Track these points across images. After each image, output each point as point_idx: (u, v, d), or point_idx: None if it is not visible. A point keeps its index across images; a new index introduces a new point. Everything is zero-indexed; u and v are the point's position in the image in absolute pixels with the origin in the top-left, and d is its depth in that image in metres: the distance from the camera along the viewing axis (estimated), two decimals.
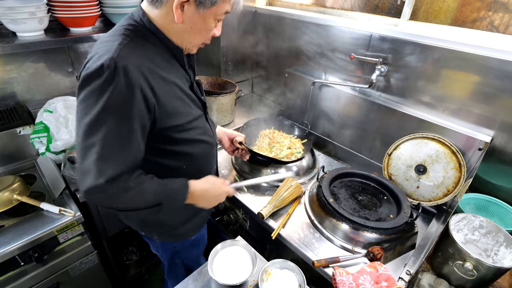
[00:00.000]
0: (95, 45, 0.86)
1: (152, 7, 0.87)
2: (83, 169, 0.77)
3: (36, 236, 1.24)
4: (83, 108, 0.78)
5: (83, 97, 0.78)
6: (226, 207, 1.58)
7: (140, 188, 0.84)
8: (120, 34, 0.83)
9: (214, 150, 1.17)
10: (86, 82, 0.77)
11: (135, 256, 1.98)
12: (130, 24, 0.87)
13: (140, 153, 0.85)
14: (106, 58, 0.75)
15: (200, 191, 0.99)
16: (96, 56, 0.79)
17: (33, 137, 1.45)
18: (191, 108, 0.98)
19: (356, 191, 1.42)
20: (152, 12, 0.87)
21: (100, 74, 0.75)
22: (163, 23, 0.87)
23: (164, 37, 0.89)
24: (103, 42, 0.83)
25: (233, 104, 1.98)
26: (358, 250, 1.18)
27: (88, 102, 0.76)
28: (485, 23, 1.28)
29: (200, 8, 0.82)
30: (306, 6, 1.93)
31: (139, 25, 0.87)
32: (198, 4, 0.81)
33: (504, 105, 1.22)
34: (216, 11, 0.85)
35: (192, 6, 0.82)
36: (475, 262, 1.03)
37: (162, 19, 0.86)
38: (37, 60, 1.62)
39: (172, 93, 0.90)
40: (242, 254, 1.10)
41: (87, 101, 0.77)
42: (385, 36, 1.45)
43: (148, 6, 0.88)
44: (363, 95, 1.60)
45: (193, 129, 0.98)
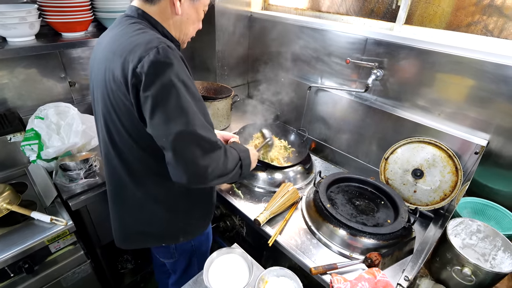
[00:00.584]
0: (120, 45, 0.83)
1: (148, 4, 0.89)
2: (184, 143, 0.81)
3: (26, 246, 1.20)
4: (161, 92, 0.77)
5: (160, 85, 0.77)
6: (223, 213, 1.56)
7: (228, 148, 0.97)
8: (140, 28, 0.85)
9: None
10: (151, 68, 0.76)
11: (130, 265, 1.94)
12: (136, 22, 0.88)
13: None
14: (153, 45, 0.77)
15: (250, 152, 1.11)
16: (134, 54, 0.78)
17: (24, 144, 1.42)
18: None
19: (353, 196, 1.41)
20: (149, 9, 0.89)
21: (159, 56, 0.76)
22: (163, 17, 0.91)
23: (164, 30, 0.92)
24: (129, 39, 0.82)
25: (229, 109, 1.96)
26: (356, 256, 1.17)
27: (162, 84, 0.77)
28: (479, 27, 1.29)
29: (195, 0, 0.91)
30: (301, 10, 1.92)
31: (142, 21, 0.89)
32: None
33: (499, 109, 1.22)
34: (205, 2, 0.96)
35: None
36: (473, 267, 1.02)
37: (161, 13, 0.90)
38: (29, 66, 1.59)
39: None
40: (238, 262, 1.08)
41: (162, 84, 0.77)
42: (381, 40, 1.45)
43: (143, 5, 0.90)
44: (359, 99, 1.60)
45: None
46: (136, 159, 0.96)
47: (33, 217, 1.29)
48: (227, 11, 1.93)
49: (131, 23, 0.88)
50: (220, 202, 1.54)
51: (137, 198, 1.03)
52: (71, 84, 1.75)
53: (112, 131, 0.93)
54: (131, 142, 0.91)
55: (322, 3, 1.81)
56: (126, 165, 0.98)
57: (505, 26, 1.23)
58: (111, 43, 0.87)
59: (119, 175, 1.01)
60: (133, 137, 0.90)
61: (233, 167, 0.98)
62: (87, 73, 1.80)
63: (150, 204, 1.04)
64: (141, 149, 0.93)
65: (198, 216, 1.17)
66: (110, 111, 0.89)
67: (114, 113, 0.89)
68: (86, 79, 1.81)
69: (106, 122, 0.94)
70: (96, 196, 1.43)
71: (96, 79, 0.94)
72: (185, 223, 1.13)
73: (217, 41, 1.98)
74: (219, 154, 0.90)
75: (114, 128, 0.92)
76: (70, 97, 1.78)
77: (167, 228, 1.12)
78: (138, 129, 0.88)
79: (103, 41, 0.93)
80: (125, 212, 1.09)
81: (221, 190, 1.49)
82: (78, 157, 1.50)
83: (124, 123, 0.89)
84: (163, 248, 1.22)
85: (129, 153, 0.95)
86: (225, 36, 2.01)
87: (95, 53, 0.98)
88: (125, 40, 0.83)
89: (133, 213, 1.07)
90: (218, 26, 1.93)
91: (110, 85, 0.85)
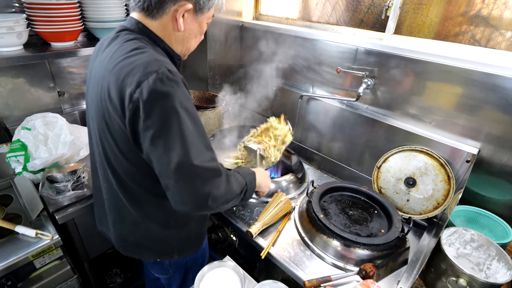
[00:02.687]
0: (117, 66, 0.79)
1: (150, 19, 0.86)
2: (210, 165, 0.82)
3: (9, 263, 1.15)
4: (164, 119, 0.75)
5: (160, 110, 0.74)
6: (215, 224, 1.53)
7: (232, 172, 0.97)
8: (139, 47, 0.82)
9: None
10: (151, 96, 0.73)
11: (119, 278, 1.88)
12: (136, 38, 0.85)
13: None
14: (154, 69, 0.74)
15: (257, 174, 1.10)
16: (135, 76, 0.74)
17: (10, 155, 1.38)
18: None
19: (347, 205, 1.40)
20: (150, 23, 0.87)
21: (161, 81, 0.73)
22: (165, 33, 0.88)
23: (166, 46, 0.90)
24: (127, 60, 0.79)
25: (221, 118, 1.95)
26: (350, 267, 1.15)
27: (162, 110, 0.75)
28: (467, 37, 1.31)
29: (199, 14, 0.88)
30: (292, 20, 1.94)
31: (141, 37, 0.87)
32: (197, 10, 0.87)
33: (488, 117, 1.23)
34: (208, 15, 0.92)
35: (191, 12, 0.87)
36: (468, 278, 1.00)
37: (163, 29, 0.88)
38: (16, 75, 1.56)
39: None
40: (230, 276, 1.05)
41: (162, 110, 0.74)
42: (371, 49, 1.46)
43: (144, 19, 0.87)
44: (350, 108, 1.60)
45: None
46: (131, 179, 0.93)
47: (17, 232, 1.24)
48: (219, 20, 1.94)
49: (129, 39, 0.84)
50: (211, 213, 1.51)
51: (133, 216, 1.00)
52: (60, 93, 1.72)
53: (107, 150, 0.90)
54: (126, 162, 0.88)
55: (312, 13, 1.82)
56: (121, 184, 0.95)
57: (491, 36, 1.25)
58: (108, 60, 0.84)
59: (115, 191, 0.98)
60: (127, 158, 0.87)
61: (238, 192, 0.95)
62: (76, 82, 1.78)
63: (145, 222, 1.02)
64: (137, 169, 0.89)
65: (192, 234, 1.14)
66: (105, 130, 0.86)
67: (109, 133, 0.86)
68: (75, 89, 1.78)
69: (101, 140, 0.91)
70: (84, 209, 1.39)
71: (92, 95, 0.91)
72: (179, 241, 1.09)
73: (209, 51, 1.98)
74: (221, 181, 0.86)
75: (109, 147, 0.89)
76: (59, 107, 1.75)
77: (162, 245, 1.09)
78: (133, 151, 0.85)
79: (100, 55, 0.90)
80: (122, 224, 1.06)
81: None
82: (66, 169, 1.46)
83: (119, 143, 0.85)
84: (158, 263, 1.18)
85: (124, 173, 0.92)
86: (216, 46, 2.01)
87: (91, 66, 0.95)
88: (123, 60, 0.79)
89: (129, 227, 1.04)
90: (210, 35, 1.93)
91: (106, 104, 0.82)
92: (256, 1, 2.08)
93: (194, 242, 1.17)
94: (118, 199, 0.99)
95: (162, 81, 0.73)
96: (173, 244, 1.09)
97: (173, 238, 1.08)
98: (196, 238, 1.17)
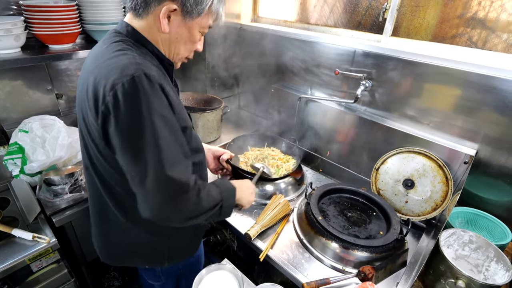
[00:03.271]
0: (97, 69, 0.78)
1: (137, 18, 0.85)
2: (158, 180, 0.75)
3: (5, 266, 1.14)
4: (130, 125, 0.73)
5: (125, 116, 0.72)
6: (213, 227, 1.53)
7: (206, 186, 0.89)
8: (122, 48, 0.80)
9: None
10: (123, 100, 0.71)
11: (117, 282, 1.87)
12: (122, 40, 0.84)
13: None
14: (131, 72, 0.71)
15: (240, 186, 1.05)
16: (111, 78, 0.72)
17: (7, 158, 1.38)
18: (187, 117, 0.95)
19: (345, 207, 1.40)
20: (137, 24, 0.85)
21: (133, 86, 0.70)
22: (150, 33, 0.86)
23: (154, 48, 0.88)
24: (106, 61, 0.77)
25: (219, 120, 1.95)
26: (348, 270, 1.14)
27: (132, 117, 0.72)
28: (464, 39, 1.31)
29: (187, 18, 0.83)
30: (290, 22, 1.95)
31: (128, 39, 0.85)
32: (185, 14, 0.82)
33: (486, 119, 1.23)
34: (201, 22, 0.87)
35: (179, 15, 0.82)
36: (467, 280, 1.00)
37: (148, 29, 0.85)
38: (14, 78, 1.56)
39: (176, 99, 0.88)
40: (228, 279, 1.04)
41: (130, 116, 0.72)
42: (369, 52, 1.46)
43: (132, 19, 0.86)
44: (348, 110, 1.61)
45: (194, 137, 0.98)
46: (116, 183, 0.90)
47: (14, 235, 1.23)
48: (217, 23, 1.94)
49: (115, 41, 0.83)
50: None
51: (121, 222, 0.98)
52: (58, 96, 1.71)
53: (90, 152, 0.89)
54: (108, 166, 0.87)
55: (310, 15, 1.83)
56: (107, 189, 0.93)
57: (488, 38, 1.26)
58: (92, 62, 0.83)
59: (102, 197, 0.96)
60: (108, 161, 0.85)
61: (208, 207, 0.89)
62: (74, 84, 1.77)
63: (133, 228, 0.99)
64: (119, 173, 0.86)
65: (184, 240, 1.11)
66: (87, 132, 0.85)
67: (89, 136, 0.84)
68: (73, 91, 1.78)
69: (85, 142, 0.89)
70: (81, 211, 1.39)
71: (78, 97, 0.90)
72: (169, 247, 1.07)
73: (207, 53, 1.98)
74: (190, 196, 0.81)
75: (92, 150, 0.87)
76: (57, 109, 1.74)
77: (152, 252, 1.07)
78: (111, 155, 0.82)
79: (88, 58, 0.90)
80: (110, 232, 1.04)
81: None
82: (64, 171, 1.45)
83: (99, 146, 0.83)
84: (149, 270, 1.17)
85: (109, 177, 0.90)
86: (215, 48, 2.01)
87: (82, 68, 0.95)
88: (103, 62, 0.78)
89: (118, 234, 1.02)
90: (209, 37, 1.94)
91: (86, 105, 0.80)
92: (254, 4, 2.09)
93: (188, 249, 1.15)
94: (105, 205, 0.97)
95: (136, 85, 0.71)
96: (163, 251, 1.06)
97: (164, 244, 1.05)
98: (191, 244, 1.15)
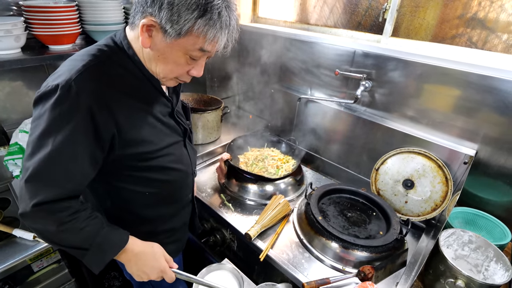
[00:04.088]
0: (64, 62, 0.82)
1: (130, 28, 0.85)
2: (19, 189, 0.76)
3: (7, 266, 1.15)
4: (32, 127, 0.76)
5: (34, 117, 0.76)
6: (213, 227, 1.53)
7: (74, 224, 0.78)
8: (91, 54, 0.80)
9: (190, 179, 1.11)
10: (39, 101, 0.75)
11: (118, 282, 1.88)
12: (107, 45, 0.84)
13: (85, 181, 0.80)
14: (63, 79, 0.73)
15: (138, 251, 0.89)
16: (56, 75, 0.76)
17: (7, 159, 1.38)
18: (164, 135, 0.94)
19: (345, 207, 1.40)
20: (130, 34, 0.85)
21: (52, 95, 0.72)
22: (136, 46, 0.84)
23: (140, 63, 0.85)
24: (70, 60, 0.81)
25: (219, 121, 1.95)
26: (348, 269, 1.15)
27: (36, 122, 0.74)
28: (464, 40, 1.32)
29: (167, 37, 0.76)
30: (290, 23, 1.95)
31: (118, 48, 0.84)
32: (164, 32, 0.75)
33: (486, 119, 1.24)
34: (185, 45, 0.78)
35: (160, 33, 0.76)
36: (466, 280, 1.01)
37: (135, 42, 0.84)
38: (14, 79, 1.56)
39: (141, 121, 0.86)
40: (228, 279, 1.05)
41: (36, 120, 0.75)
42: (368, 52, 1.47)
43: (128, 29, 0.86)
44: (348, 110, 1.61)
45: (163, 156, 0.94)
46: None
47: (15, 235, 1.24)
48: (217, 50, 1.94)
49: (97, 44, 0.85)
50: (210, 216, 1.51)
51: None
52: None
53: None
54: None
55: (310, 16, 1.83)
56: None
57: (488, 38, 1.26)
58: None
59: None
60: None
61: (69, 244, 0.80)
62: None
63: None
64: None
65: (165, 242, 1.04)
66: None
67: None
68: None
69: None
70: None
71: None
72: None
73: None
74: (49, 221, 0.76)
75: None
76: None
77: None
78: None
79: None
80: None
81: (211, 204, 1.46)
82: None
83: None
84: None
85: None
86: None
87: None
88: (67, 60, 0.82)
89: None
90: None
91: None
92: (254, 4, 2.09)
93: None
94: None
95: (54, 91, 0.72)
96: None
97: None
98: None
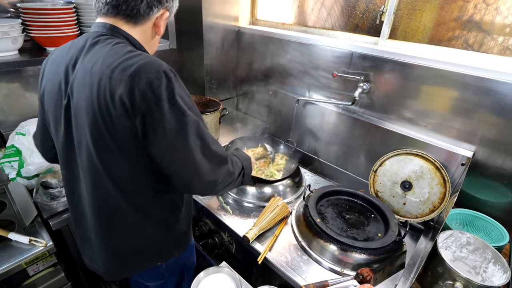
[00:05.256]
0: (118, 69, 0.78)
1: (131, 24, 0.87)
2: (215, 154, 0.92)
3: (2, 270, 1.13)
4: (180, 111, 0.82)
5: (170, 108, 0.80)
6: (211, 230, 1.52)
7: (233, 158, 1.06)
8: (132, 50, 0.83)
9: None
10: (169, 94, 0.79)
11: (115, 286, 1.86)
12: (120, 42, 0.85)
13: None
14: (157, 67, 0.78)
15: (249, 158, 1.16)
16: (146, 74, 0.77)
17: (3, 161, 1.37)
18: None
19: (343, 209, 1.40)
20: (129, 29, 0.88)
21: (170, 80, 0.79)
22: (144, 38, 0.91)
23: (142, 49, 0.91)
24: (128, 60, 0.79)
25: (218, 123, 1.95)
26: (347, 272, 1.14)
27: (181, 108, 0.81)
28: (460, 42, 1.32)
29: (169, 16, 0.93)
30: (288, 25, 1.96)
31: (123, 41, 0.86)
32: (170, 14, 0.93)
33: (483, 121, 1.24)
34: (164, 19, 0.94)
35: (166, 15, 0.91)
36: (465, 282, 1.00)
37: (143, 34, 0.91)
38: (11, 80, 1.56)
39: None
40: (226, 282, 1.04)
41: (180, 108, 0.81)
42: (366, 54, 1.47)
43: (123, 24, 0.86)
44: (346, 112, 1.61)
45: None
46: (131, 180, 0.92)
47: (10, 238, 1.23)
48: (215, 25, 1.95)
49: (116, 43, 0.84)
50: (208, 218, 1.50)
51: (132, 221, 0.98)
52: None
53: (104, 155, 0.88)
54: (128, 165, 0.88)
55: (308, 18, 1.84)
56: (120, 189, 0.92)
57: (484, 40, 1.27)
58: (101, 64, 0.81)
59: (112, 200, 0.95)
60: (130, 159, 0.87)
61: (237, 176, 1.04)
62: None
63: (144, 224, 1.00)
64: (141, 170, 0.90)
65: (184, 228, 1.13)
66: (105, 135, 0.83)
67: (110, 136, 0.83)
68: None
69: (97, 146, 0.87)
70: None
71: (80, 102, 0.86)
72: (174, 237, 1.09)
73: (205, 55, 1.98)
74: (227, 167, 0.97)
75: (109, 151, 0.86)
76: None
77: (161, 246, 1.07)
78: (135, 153, 0.86)
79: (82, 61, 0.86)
80: (118, 237, 1.02)
81: (209, 206, 1.46)
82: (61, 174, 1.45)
83: (122, 146, 0.85)
84: (153, 270, 1.14)
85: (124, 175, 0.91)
86: (213, 50, 2.02)
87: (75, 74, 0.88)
88: (122, 63, 0.79)
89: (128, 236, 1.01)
90: (206, 40, 1.94)
91: (107, 108, 0.80)
92: (252, 7, 2.10)
93: (187, 235, 1.19)
94: (115, 208, 0.95)
95: (168, 78, 0.79)
96: (170, 241, 1.09)
97: (170, 236, 1.08)
98: (188, 231, 1.18)
